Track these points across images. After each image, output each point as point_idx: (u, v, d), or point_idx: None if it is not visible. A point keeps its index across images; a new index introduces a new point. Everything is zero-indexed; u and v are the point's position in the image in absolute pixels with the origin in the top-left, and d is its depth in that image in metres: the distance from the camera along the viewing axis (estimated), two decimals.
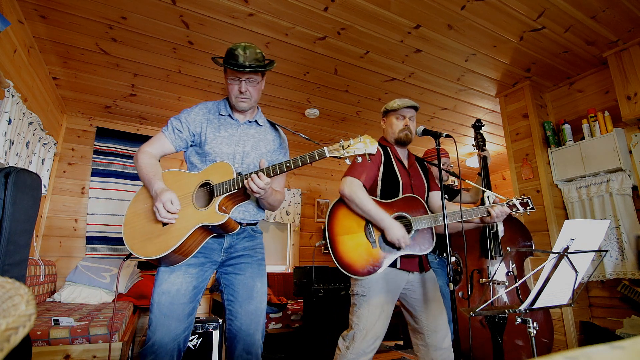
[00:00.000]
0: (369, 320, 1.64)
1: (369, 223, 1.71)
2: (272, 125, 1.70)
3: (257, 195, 1.37)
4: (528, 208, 1.67)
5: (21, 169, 1.41)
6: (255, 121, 1.63)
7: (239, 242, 1.53)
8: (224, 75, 1.58)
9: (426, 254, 1.79)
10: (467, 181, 2.05)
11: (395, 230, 1.62)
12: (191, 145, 1.59)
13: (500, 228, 2.47)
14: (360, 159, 1.32)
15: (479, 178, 2.76)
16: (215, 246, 1.49)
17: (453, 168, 5.06)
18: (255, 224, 1.61)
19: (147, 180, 1.44)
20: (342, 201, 1.76)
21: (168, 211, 1.34)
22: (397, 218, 1.70)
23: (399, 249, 1.66)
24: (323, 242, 1.75)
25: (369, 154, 1.32)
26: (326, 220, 1.74)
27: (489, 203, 1.76)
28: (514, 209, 1.68)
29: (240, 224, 1.51)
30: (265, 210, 1.66)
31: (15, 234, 1.35)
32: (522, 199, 1.69)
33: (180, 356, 1.40)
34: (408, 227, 1.70)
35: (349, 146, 1.31)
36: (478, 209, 1.71)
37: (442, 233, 1.59)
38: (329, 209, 1.76)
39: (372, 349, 1.66)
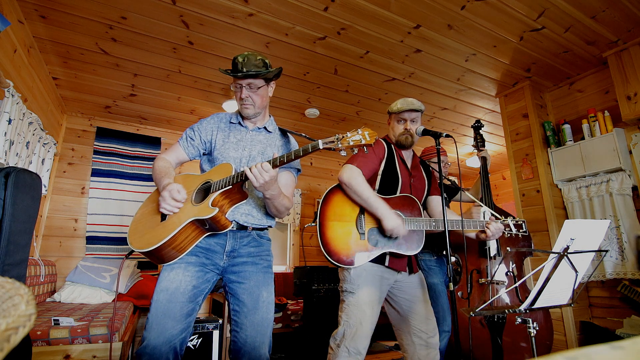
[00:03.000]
0: (357, 316, 1.63)
1: (362, 214, 1.70)
2: (283, 132, 1.71)
3: (257, 184, 1.31)
4: (521, 231, 1.69)
5: (21, 169, 1.41)
6: (265, 128, 1.65)
7: (243, 247, 1.51)
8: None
9: (416, 255, 1.79)
10: (467, 193, 2.03)
11: (391, 220, 1.60)
12: (204, 154, 1.64)
13: (494, 246, 2.43)
14: (356, 150, 1.27)
15: (479, 178, 2.76)
16: (217, 248, 1.48)
17: (450, 167, 5.06)
18: (262, 230, 1.58)
19: (158, 179, 1.49)
20: (339, 188, 1.75)
21: (173, 198, 1.35)
22: None
23: (391, 239, 1.65)
24: (313, 224, 1.75)
25: (365, 145, 1.27)
26: (320, 203, 1.74)
27: (484, 218, 1.75)
28: (506, 229, 1.69)
29: (246, 227, 1.50)
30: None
31: (15, 234, 1.35)
32: (517, 221, 1.70)
33: (177, 358, 1.34)
34: None
35: (344, 138, 1.27)
36: (475, 222, 1.71)
37: (441, 233, 1.59)
38: (325, 193, 1.76)
39: (363, 347, 1.62)
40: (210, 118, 1.65)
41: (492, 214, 1.76)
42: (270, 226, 1.62)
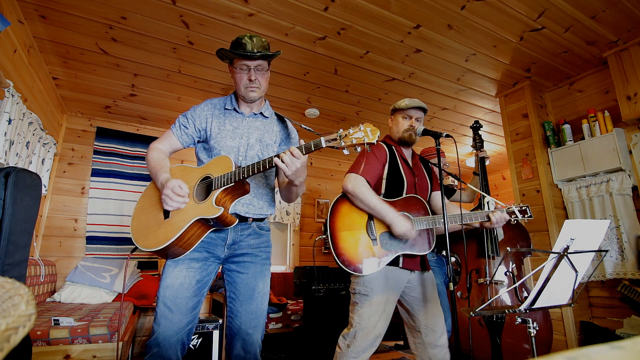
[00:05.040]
0: (371, 319, 1.64)
1: (371, 220, 1.70)
2: (280, 117, 1.68)
3: (289, 172, 1.28)
4: (526, 216, 1.68)
5: (21, 169, 1.42)
6: (261, 113, 1.62)
7: (244, 240, 1.52)
8: (230, 68, 1.57)
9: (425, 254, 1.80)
10: (468, 185, 2.05)
11: (401, 224, 1.61)
12: (199, 141, 1.61)
13: (500, 232, 2.48)
14: (359, 149, 1.24)
15: (475, 177, 2.77)
16: (218, 242, 1.49)
17: (450, 167, 5.06)
18: (262, 220, 1.58)
19: (154, 173, 1.47)
20: (345, 197, 1.75)
21: (177, 194, 1.33)
22: None
23: (402, 241, 1.66)
24: (324, 237, 1.75)
25: (368, 144, 1.22)
26: (328, 215, 1.73)
27: (489, 208, 1.76)
28: (512, 216, 1.69)
29: (246, 218, 1.51)
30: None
31: (15, 234, 1.35)
32: (521, 207, 1.69)
33: (184, 349, 1.42)
34: None
35: (346, 136, 1.24)
36: (478, 213, 1.71)
37: (442, 233, 1.59)
38: (332, 205, 1.75)
39: (372, 347, 1.66)
40: (204, 104, 1.60)
41: (496, 202, 1.76)
42: (270, 214, 1.62)
